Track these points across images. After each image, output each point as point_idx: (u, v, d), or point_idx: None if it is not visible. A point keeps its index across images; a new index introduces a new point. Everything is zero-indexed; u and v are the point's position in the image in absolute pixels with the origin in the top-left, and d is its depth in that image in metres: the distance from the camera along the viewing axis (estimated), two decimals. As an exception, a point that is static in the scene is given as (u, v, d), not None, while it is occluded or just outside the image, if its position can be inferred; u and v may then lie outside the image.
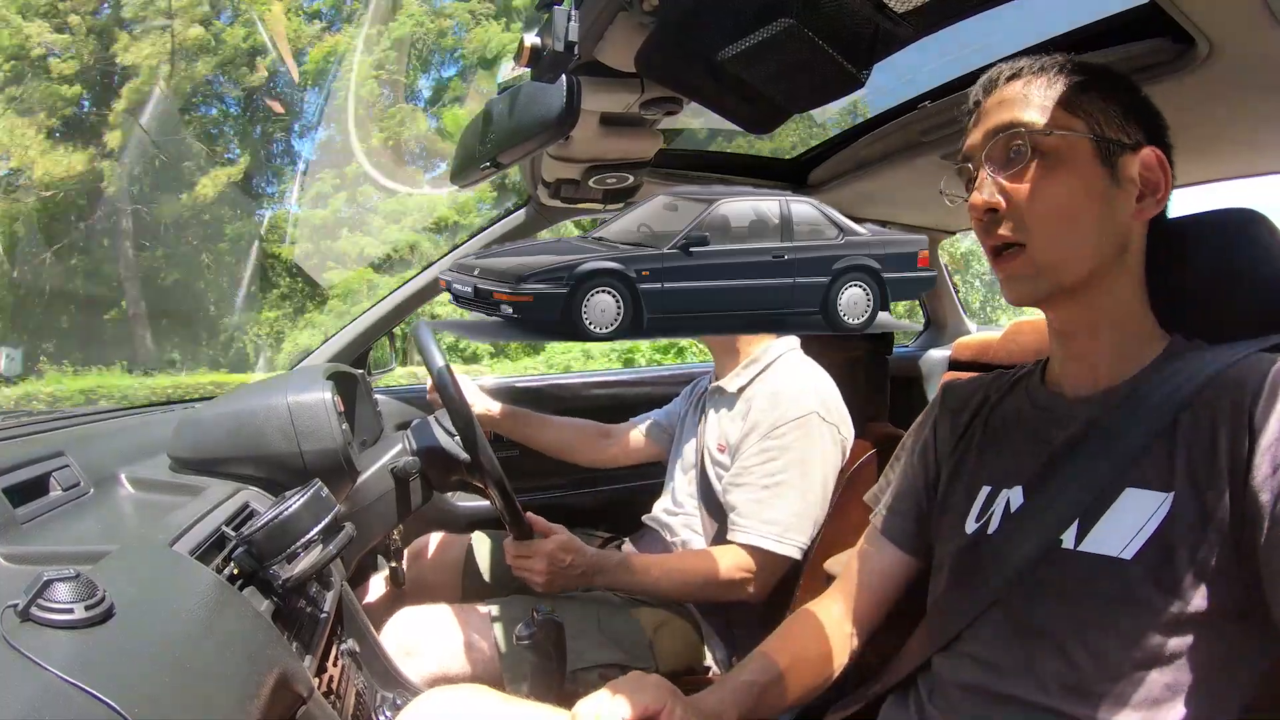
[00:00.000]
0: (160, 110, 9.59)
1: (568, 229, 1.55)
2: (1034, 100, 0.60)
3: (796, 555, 1.10)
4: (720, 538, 1.17)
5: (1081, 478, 0.60)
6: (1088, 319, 0.63)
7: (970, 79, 1.03)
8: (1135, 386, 0.61)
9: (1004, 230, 0.61)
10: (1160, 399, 0.58)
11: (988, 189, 0.61)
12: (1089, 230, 0.60)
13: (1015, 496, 0.65)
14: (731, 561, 1.11)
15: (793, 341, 1.26)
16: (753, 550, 1.11)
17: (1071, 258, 0.60)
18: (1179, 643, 0.54)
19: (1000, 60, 0.67)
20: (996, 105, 0.62)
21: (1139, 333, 0.63)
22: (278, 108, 10.70)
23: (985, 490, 0.68)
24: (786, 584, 1.14)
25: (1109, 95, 0.60)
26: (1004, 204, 0.61)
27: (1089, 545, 0.58)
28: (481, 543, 1.39)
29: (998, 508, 0.66)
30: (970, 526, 0.67)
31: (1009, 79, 0.63)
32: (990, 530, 0.65)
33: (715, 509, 1.20)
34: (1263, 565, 0.51)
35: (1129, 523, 0.56)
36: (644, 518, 1.35)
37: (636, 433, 1.47)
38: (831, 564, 1.03)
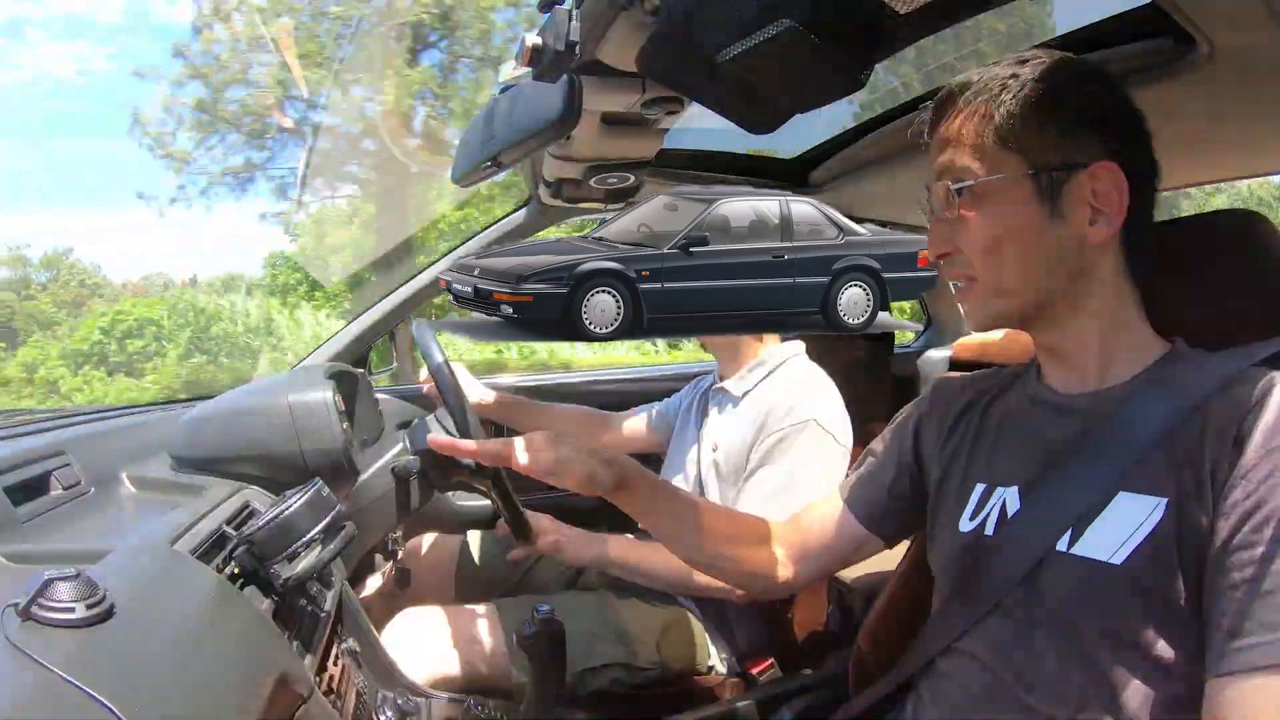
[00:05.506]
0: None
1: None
2: (967, 140, 0.61)
3: None
4: None
5: (1078, 480, 0.59)
6: (1065, 334, 0.63)
7: (971, 79, 1.03)
8: (1133, 390, 0.60)
9: (954, 269, 0.64)
10: (1158, 404, 0.57)
11: (934, 234, 0.64)
12: (1033, 263, 0.60)
13: (1011, 497, 0.64)
14: None
15: (798, 346, 1.26)
16: None
17: (1019, 290, 0.61)
18: (1173, 654, 0.53)
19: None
20: (940, 143, 0.63)
21: (1130, 341, 0.62)
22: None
23: (980, 488, 0.67)
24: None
25: (1049, 118, 0.58)
26: (948, 248, 0.63)
27: (1080, 549, 0.57)
28: (475, 542, 1.39)
29: (993, 507, 0.65)
30: (965, 525, 0.67)
31: (950, 112, 0.62)
32: (988, 531, 0.65)
33: None
34: (1205, 580, 0.51)
35: (1121, 528, 0.55)
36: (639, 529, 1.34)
37: (637, 422, 1.46)
38: None
